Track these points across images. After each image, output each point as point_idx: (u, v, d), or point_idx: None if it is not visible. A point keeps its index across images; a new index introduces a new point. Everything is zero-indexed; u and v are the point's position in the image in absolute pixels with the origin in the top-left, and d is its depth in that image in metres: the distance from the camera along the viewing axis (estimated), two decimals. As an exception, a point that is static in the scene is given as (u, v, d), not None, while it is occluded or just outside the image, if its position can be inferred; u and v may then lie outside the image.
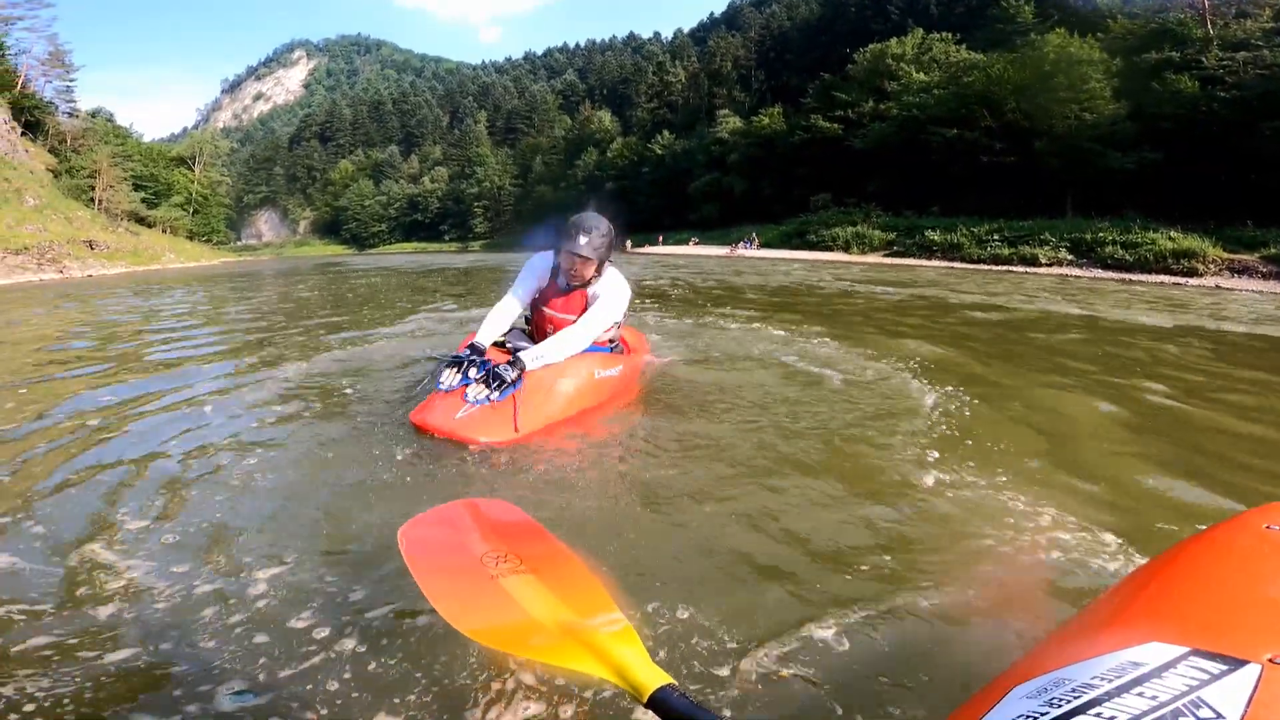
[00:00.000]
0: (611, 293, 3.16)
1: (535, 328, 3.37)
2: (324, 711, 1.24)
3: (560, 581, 1.17)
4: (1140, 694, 0.65)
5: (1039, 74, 26.80)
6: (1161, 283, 16.70)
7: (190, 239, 52.35)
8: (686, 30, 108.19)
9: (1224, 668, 0.68)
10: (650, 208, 51.96)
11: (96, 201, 40.17)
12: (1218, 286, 15.93)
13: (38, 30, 45.52)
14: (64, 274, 25.39)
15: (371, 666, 1.35)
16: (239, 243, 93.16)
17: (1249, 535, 1.05)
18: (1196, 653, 0.71)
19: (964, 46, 35.64)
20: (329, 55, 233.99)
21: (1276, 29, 23.56)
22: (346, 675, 1.33)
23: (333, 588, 1.66)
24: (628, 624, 1.03)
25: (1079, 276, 18.52)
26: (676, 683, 0.89)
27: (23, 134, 38.97)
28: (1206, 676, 0.67)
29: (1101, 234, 20.92)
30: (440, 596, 1.14)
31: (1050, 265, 20.94)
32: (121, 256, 32.64)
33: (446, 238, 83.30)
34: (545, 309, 3.25)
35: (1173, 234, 19.43)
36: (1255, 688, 0.64)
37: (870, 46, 38.88)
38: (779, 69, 57.92)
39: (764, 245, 34.16)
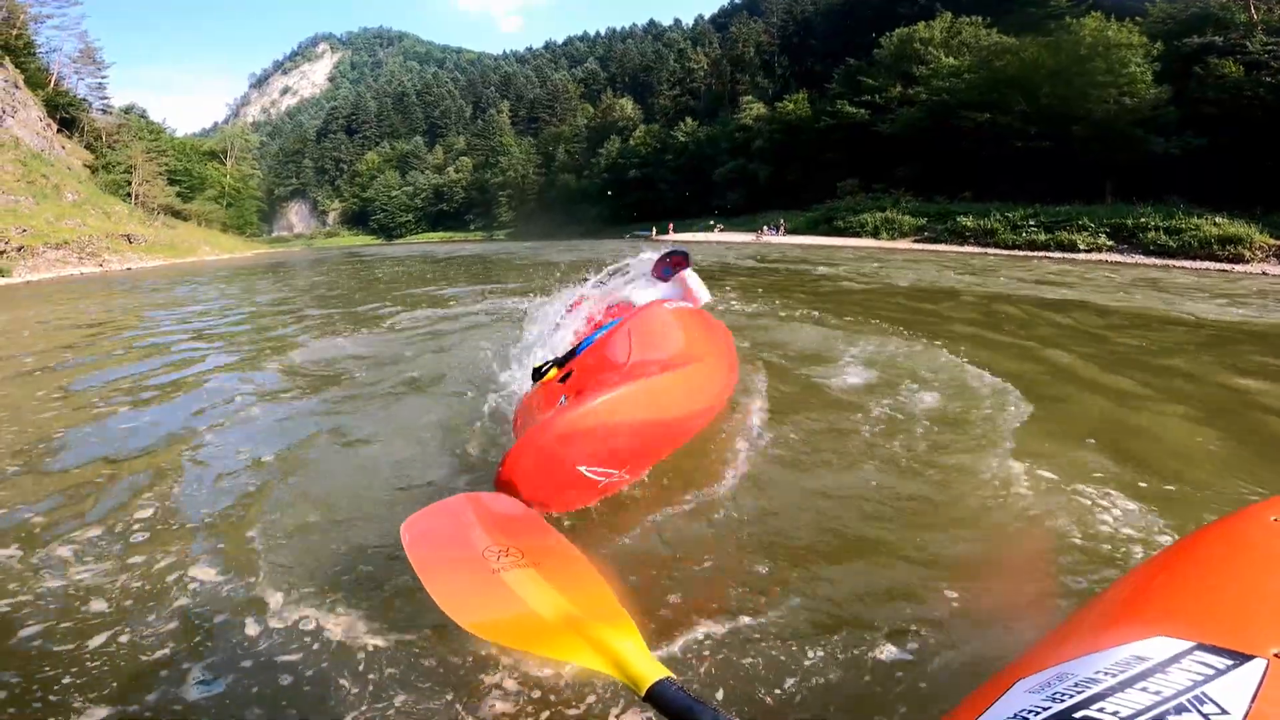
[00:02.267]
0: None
1: None
2: (319, 705, 1.21)
3: (562, 576, 1.16)
4: (1144, 689, 0.64)
5: (1075, 58, 26.04)
6: (1207, 269, 16.23)
7: (224, 231, 53.39)
8: (707, 16, 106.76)
9: (1229, 662, 0.66)
10: (674, 195, 51.62)
11: (133, 196, 41.11)
12: (1264, 273, 15.43)
13: (67, 28, 46.55)
14: (104, 268, 26.03)
15: (368, 661, 1.33)
16: (271, 235, 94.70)
17: (1256, 528, 1.03)
18: (1202, 647, 0.70)
19: (995, 30, 34.64)
20: (352, 48, 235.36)
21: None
22: (341, 669, 1.31)
23: (332, 580, 1.63)
24: (628, 618, 1.03)
25: (1120, 263, 18.07)
26: (675, 676, 0.89)
27: (59, 131, 39.90)
28: (1212, 671, 0.65)
29: (1143, 219, 20.36)
30: (441, 591, 1.14)
31: (1089, 251, 20.43)
32: (159, 250, 33.38)
33: (472, 227, 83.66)
34: None
35: (1218, 219, 18.86)
36: (1261, 682, 0.63)
37: (896, 31, 37.94)
38: (803, 54, 56.85)
39: (791, 231, 33.82)
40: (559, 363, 2.56)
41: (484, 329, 5.59)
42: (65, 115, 42.58)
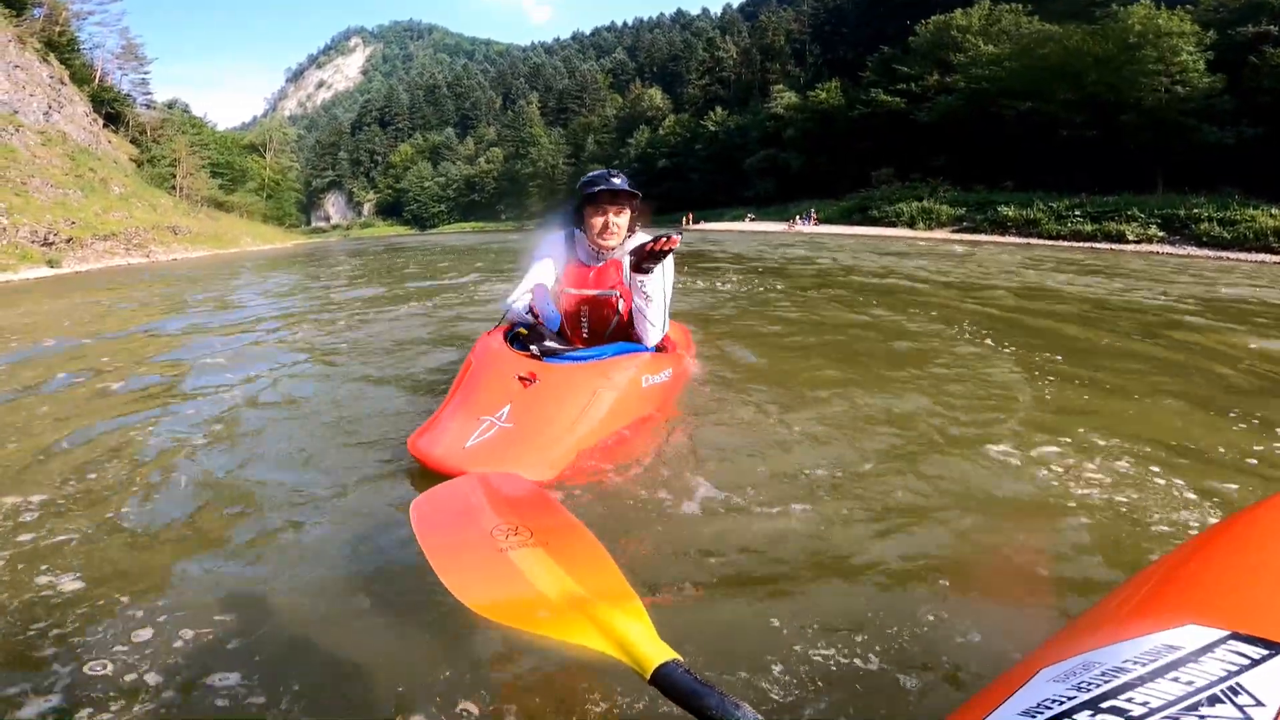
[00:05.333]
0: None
1: (565, 316, 2.78)
2: (323, 684, 1.21)
3: (570, 556, 1.14)
4: (1175, 679, 0.61)
5: (1123, 46, 25.30)
6: (1263, 261, 15.68)
7: (265, 222, 54.53)
8: (736, 5, 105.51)
9: (1265, 652, 0.63)
10: (704, 184, 51.33)
11: (177, 189, 42.17)
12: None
13: (109, 24, 47.44)
14: (150, 258, 26.70)
15: (371, 640, 1.33)
16: (309, 225, 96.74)
17: None
18: (1236, 636, 0.66)
19: (1036, 18, 33.59)
20: (384, 41, 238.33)
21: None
22: (346, 648, 1.31)
23: (341, 559, 1.64)
24: (636, 599, 1.00)
25: (1173, 254, 17.55)
26: (682, 658, 0.86)
27: (105, 125, 40.92)
28: (1247, 661, 0.62)
29: (1196, 210, 19.79)
30: (448, 570, 1.12)
31: (1139, 242, 19.93)
32: (203, 241, 34.18)
33: (503, 217, 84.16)
34: (572, 291, 2.73)
35: (1274, 211, 18.28)
36: None
37: (933, 18, 36.95)
38: (835, 42, 55.87)
39: (823, 221, 33.45)
40: (538, 337, 2.51)
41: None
42: (111, 110, 43.68)
